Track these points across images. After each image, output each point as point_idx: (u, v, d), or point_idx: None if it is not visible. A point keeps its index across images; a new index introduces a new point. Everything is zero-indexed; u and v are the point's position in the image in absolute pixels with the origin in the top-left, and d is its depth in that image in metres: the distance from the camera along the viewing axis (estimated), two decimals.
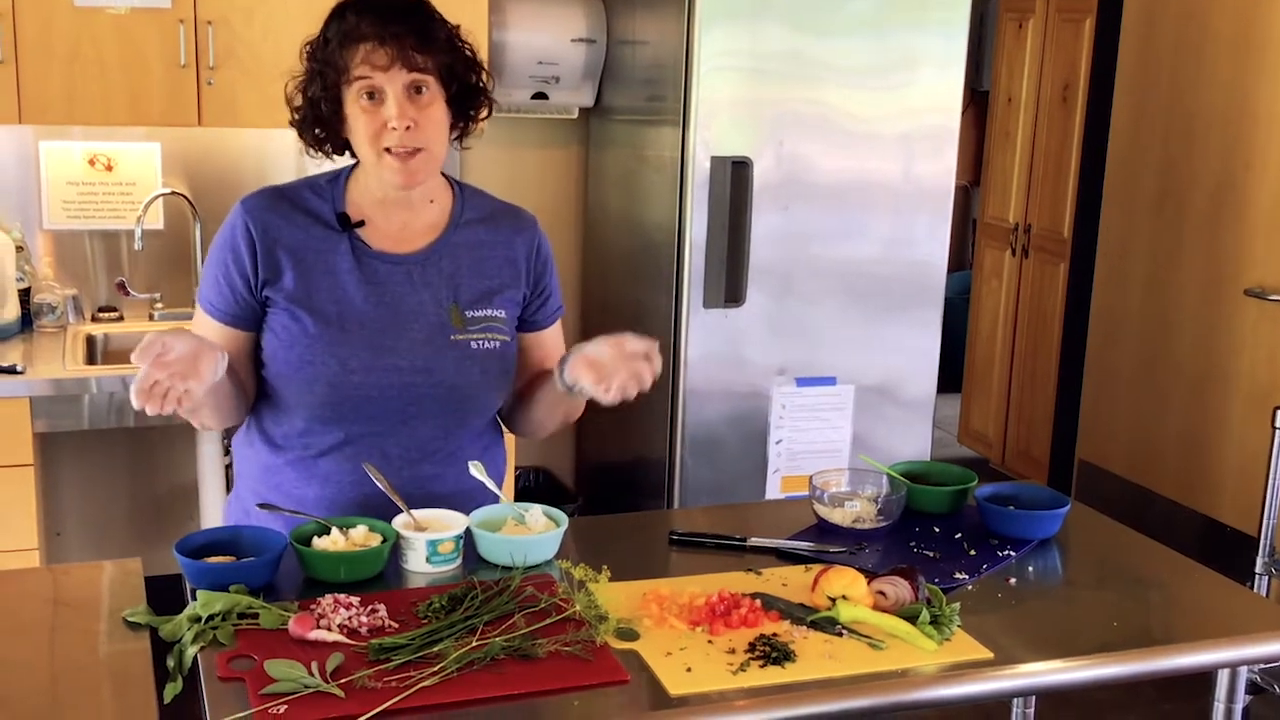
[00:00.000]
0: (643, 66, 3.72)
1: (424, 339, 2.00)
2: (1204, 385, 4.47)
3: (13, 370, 3.07)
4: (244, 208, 1.99)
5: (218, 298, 1.99)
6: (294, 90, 1.99)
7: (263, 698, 1.50)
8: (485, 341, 2.03)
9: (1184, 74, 4.53)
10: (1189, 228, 4.53)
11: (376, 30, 1.88)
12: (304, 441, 2.02)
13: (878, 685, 1.63)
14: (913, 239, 3.62)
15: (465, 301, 2.04)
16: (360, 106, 1.91)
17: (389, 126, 1.89)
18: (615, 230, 3.96)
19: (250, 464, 2.10)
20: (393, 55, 1.88)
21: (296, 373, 1.97)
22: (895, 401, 3.69)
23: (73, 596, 1.89)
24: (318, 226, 2.00)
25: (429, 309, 2.01)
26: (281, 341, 1.97)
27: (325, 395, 1.97)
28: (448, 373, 2.00)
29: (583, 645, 1.65)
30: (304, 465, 2.02)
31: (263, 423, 2.06)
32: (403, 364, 1.98)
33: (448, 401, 2.02)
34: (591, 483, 4.29)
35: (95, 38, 3.22)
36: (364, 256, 2.00)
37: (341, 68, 1.90)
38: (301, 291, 1.97)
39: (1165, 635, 1.86)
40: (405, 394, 1.99)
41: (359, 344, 1.97)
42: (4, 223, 3.47)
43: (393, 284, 2.00)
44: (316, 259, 1.99)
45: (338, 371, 1.96)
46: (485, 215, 2.10)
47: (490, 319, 2.05)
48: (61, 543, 3.73)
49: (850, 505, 2.17)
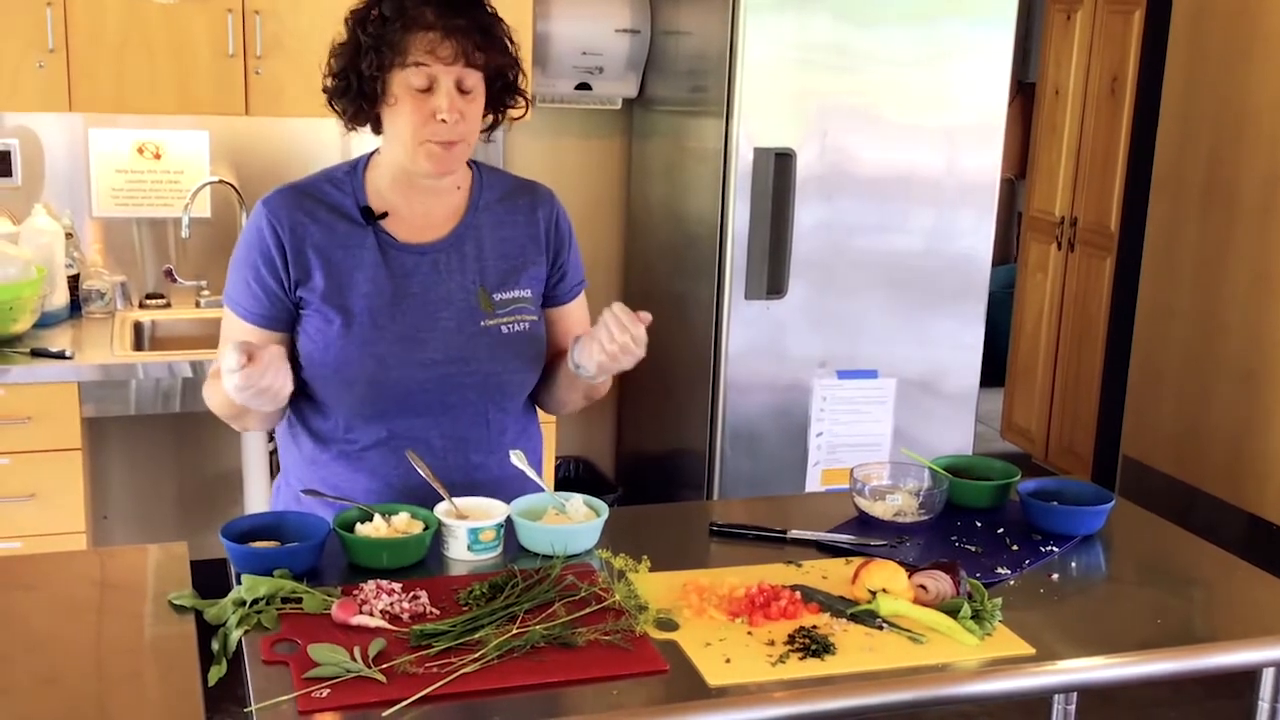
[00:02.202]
0: (686, 57, 3.71)
1: (455, 327, 2.01)
2: (1251, 381, 4.42)
3: (62, 355, 3.11)
4: (267, 208, 1.98)
5: (249, 300, 1.98)
6: (334, 57, 1.96)
7: (306, 681, 1.51)
8: (515, 325, 2.04)
9: (1233, 67, 4.47)
10: (1237, 222, 4.47)
11: (442, 20, 1.88)
12: (348, 438, 2.03)
13: (918, 679, 1.63)
14: (957, 232, 3.60)
15: (492, 284, 2.04)
16: (410, 94, 1.90)
17: (438, 118, 1.90)
18: (658, 221, 3.96)
19: (295, 455, 2.11)
20: (456, 50, 1.88)
21: (335, 374, 1.97)
22: (937, 395, 3.67)
23: (119, 579, 1.91)
24: (342, 222, 1.99)
25: (457, 296, 2.02)
26: (317, 345, 1.98)
27: (365, 394, 1.98)
28: (482, 360, 2.01)
29: (622, 635, 1.65)
30: (349, 459, 2.03)
31: (305, 419, 2.06)
32: (438, 356, 1.99)
33: (484, 388, 2.03)
34: (632, 473, 4.29)
35: (144, 27, 3.25)
36: (390, 249, 2.00)
37: (400, 49, 1.88)
38: (332, 291, 1.97)
39: (1209, 633, 1.85)
40: (443, 384, 2.00)
41: (393, 340, 1.97)
42: (54, 210, 3.52)
43: (420, 274, 2.01)
44: (344, 256, 1.98)
45: (375, 370, 1.96)
46: (504, 193, 2.10)
47: (517, 300, 2.05)
48: (108, 526, 3.77)
49: (891, 499, 2.16)
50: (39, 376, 3.06)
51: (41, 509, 3.10)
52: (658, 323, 1.97)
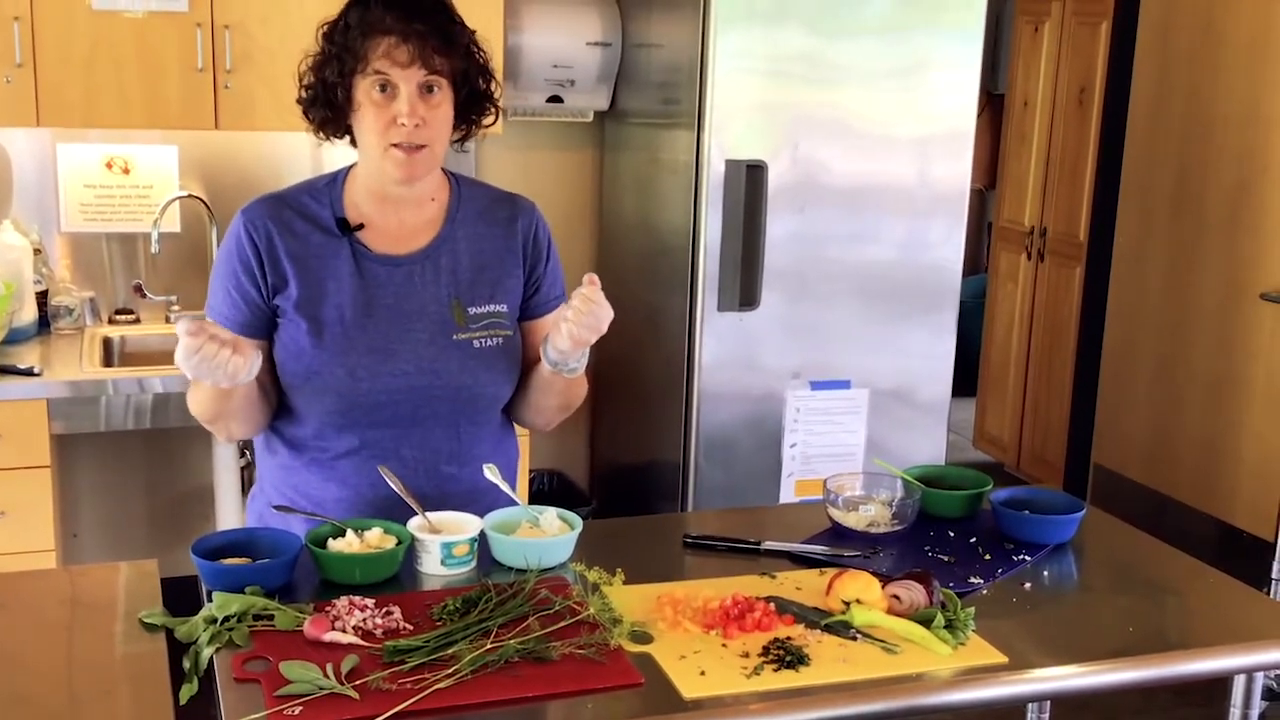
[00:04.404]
0: (658, 69, 3.72)
1: (427, 340, 2.01)
2: (1220, 390, 4.46)
3: (30, 372, 3.09)
4: (245, 217, 2.01)
5: (229, 308, 2.00)
6: (305, 69, 1.99)
7: (278, 699, 1.51)
8: (488, 339, 2.04)
9: (1200, 77, 4.51)
10: (1205, 231, 4.51)
11: (400, 25, 1.89)
12: (319, 445, 2.03)
13: (892, 689, 1.63)
14: (928, 242, 3.61)
15: (467, 297, 2.04)
16: (371, 98, 1.92)
17: (398, 122, 1.91)
18: (630, 233, 3.96)
19: (270, 463, 2.11)
20: (413, 53, 1.89)
21: (305, 383, 1.98)
22: (910, 405, 3.68)
23: (89, 597, 1.90)
24: (318, 233, 2.01)
25: (430, 309, 2.02)
26: (290, 353, 1.99)
27: (335, 404, 1.98)
28: (453, 373, 2.01)
29: (596, 648, 1.65)
30: (321, 467, 2.03)
31: (279, 426, 2.07)
32: (409, 368, 1.99)
33: (456, 401, 2.03)
34: (605, 486, 4.29)
35: (113, 41, 3.23)
36: (364, 260, 2.01)
37: (360, 56, 1.91)
38: (306, 300, 1.98)
39: (1181, 640, 1.86)
40: (414, 397, 2.00)
41: (364, 351, 1.98)
42: (22, 225, 3.49)
43: (394, 286, 2.01)
44: (319, 265, 2.00)
45: (345, 380, 1.97)
46: (483, 206, 2.11)
47: (492, 314, 2.05)
48: (78, 544, 3.74)
49: (865, 509, 2.17)
50: (7, 394, 3.03)
51: (10, 527, 3.07)
52: (630, 335, 1.97)
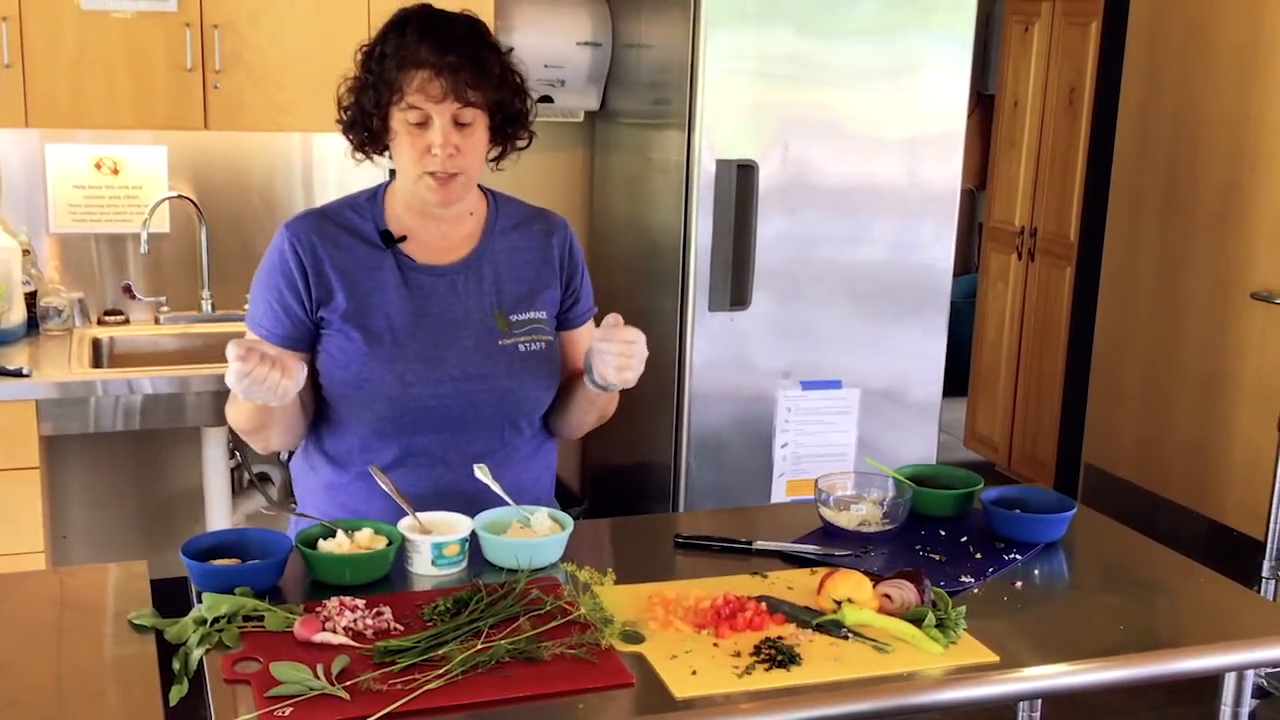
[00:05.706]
0: (648, 70, 3.72)
1: (473, 346, 2.06)
2: (1210, 389, 4.47)
3: (19, 373, 3.08)
4: (289, 232, 2.05)
5: (271, 321, 2.04)
6: (345, 92, 2.04)
7: (268, 700, 1.50)
8: (531, 344, 2.10)
9: (1190, 77, 4.52)
10: (1195, 232, 4.52)
11: (434, 58, 1.93)
12: (365, 458, 2.06)
13: (883, 688, 1.63)
14: (918, 243, 3.61)
15: (508, 305, 2.10)
16: (406, 128, 1.97)
17: (432, 152, 1.95)
18: (621, 234, 3.96)
19: (311, 483, 2.15)
20: (446, 88, 1.93)
21: (355, 391, 2.02)
22: (901, 405, 3.68)
23: (79, 599, 1.89)
24: (362, 245, 2.06)
25: (475, 316, 2.08)
26: (337, 362, 2.03)
27: (385, 410, 2.02)
28: (500, 377, 2.06)
29: (588, 648, 1.65)
30: (369, 480, 2.04)
31: (321, 442, 2.11)
32: (456, 373, 2.04)
33: (502, 405, 2.08)
34: (597, 486, 4.29)
35: (102, 41, 3.22)
36: (409, 271, 2.06)
37: (395, 87, 1.95)
38: (354, 310, 2.02)
39: (1171, 639, 1.86)
40: (461, 401, 2.04)
41: (413, 357, 2.02)
42: (10, 226, 3.48)
43: (438, 295, 2.07)
44: (365, 277, 2.04)
45: (395, 386, 2.01)
46: (519, 220, 2.18)
47: (533, 321, 2.11)
48: (67, 545, 3.73)
49: (856, 509, 2.17)
50: None
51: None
52: None
